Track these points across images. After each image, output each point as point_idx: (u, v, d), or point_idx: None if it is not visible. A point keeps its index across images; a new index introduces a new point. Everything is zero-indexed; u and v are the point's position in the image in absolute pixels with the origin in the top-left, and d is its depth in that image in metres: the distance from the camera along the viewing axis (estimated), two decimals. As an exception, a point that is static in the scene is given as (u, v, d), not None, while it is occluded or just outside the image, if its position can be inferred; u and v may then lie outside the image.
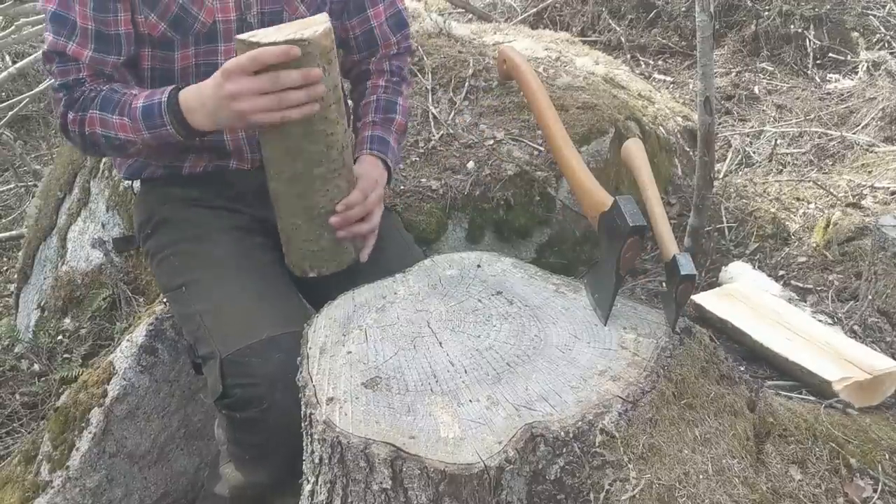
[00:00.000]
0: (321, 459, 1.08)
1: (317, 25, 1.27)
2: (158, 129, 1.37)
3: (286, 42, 1.22)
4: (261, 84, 1.24)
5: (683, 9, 4.60)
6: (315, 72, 1.25)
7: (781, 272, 2.31)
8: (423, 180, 2.30)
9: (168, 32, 1.46)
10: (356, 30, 1.66)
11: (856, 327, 1.85)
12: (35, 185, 3.92)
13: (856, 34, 4.36)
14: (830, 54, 4.30)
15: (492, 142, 2.42)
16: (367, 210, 1.46)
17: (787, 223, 2.62)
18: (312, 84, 1.26)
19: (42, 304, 2.75)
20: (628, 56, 4.47)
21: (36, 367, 2.53)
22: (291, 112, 1.26)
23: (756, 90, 4.09)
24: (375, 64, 1.71)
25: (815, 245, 2.42)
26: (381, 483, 1.02)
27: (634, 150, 1.39)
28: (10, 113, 4.37)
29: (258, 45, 1.23)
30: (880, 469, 1.26)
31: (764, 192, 2.91)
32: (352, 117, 1.71)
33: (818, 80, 4.15)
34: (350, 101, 1.77)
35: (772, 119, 3.81)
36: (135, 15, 1.44)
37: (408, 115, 1.74)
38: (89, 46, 1.43)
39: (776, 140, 3.48)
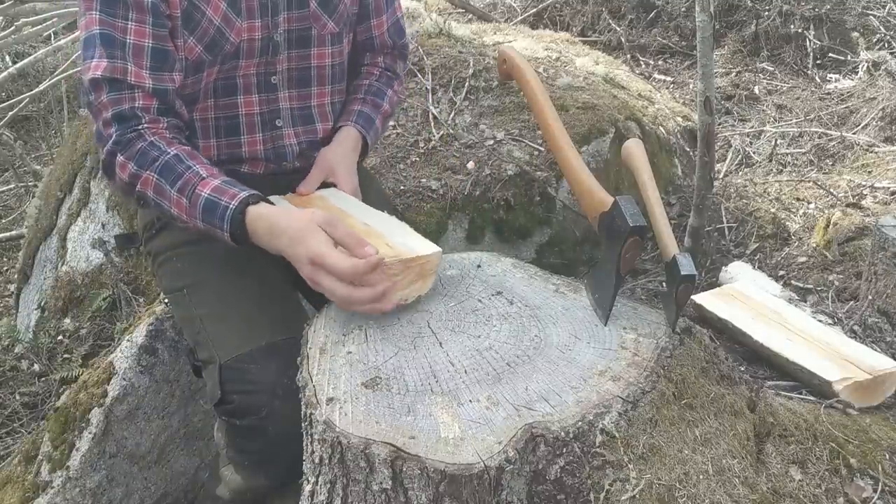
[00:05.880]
0: (321, 459, 1.08)
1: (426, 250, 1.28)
2: (214, 229, 1.31)
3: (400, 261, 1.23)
4: (336, 290, 1.20)
5: (683, 9, 4.61)
6: (387, 305, 1.21)
7: (781, 272, 2.31)
8: (423, 180, 2.30)
9: (203, 55, 1.44)
10: (359, 36, 1.69)
11: (856, 327, 1.85)
12: (35, 185, 3.92)
13: (856, 34, 4.36)
14: (830, 54, 4.30)
15: (492, 142, 2.42)
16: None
17: (787, 223, 2.62)
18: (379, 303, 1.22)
19: (42, 304, 2.75)
20: (628, 56, 4.47)
21: (36, 367, 2.53)
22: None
23: (756, 90, 4.09)
24: (370, 58, 1.76)
25: (815, 245, 2.42)
26: (381, 483, 1.02)
27: (634, 150, 1.39)
28: (11, 113, 4.37)
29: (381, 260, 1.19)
30: (880, 469, 1.26)
31: (764, 192, 2.91)
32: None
33: (818, 80, 4.15)
34: None
35: (772, 119, 3.81)
36: (174, 39, 1.40)
37: (395, 107, 1.79)
38: (146, 66, 1.34)
39: (776, 140, 3.48)
